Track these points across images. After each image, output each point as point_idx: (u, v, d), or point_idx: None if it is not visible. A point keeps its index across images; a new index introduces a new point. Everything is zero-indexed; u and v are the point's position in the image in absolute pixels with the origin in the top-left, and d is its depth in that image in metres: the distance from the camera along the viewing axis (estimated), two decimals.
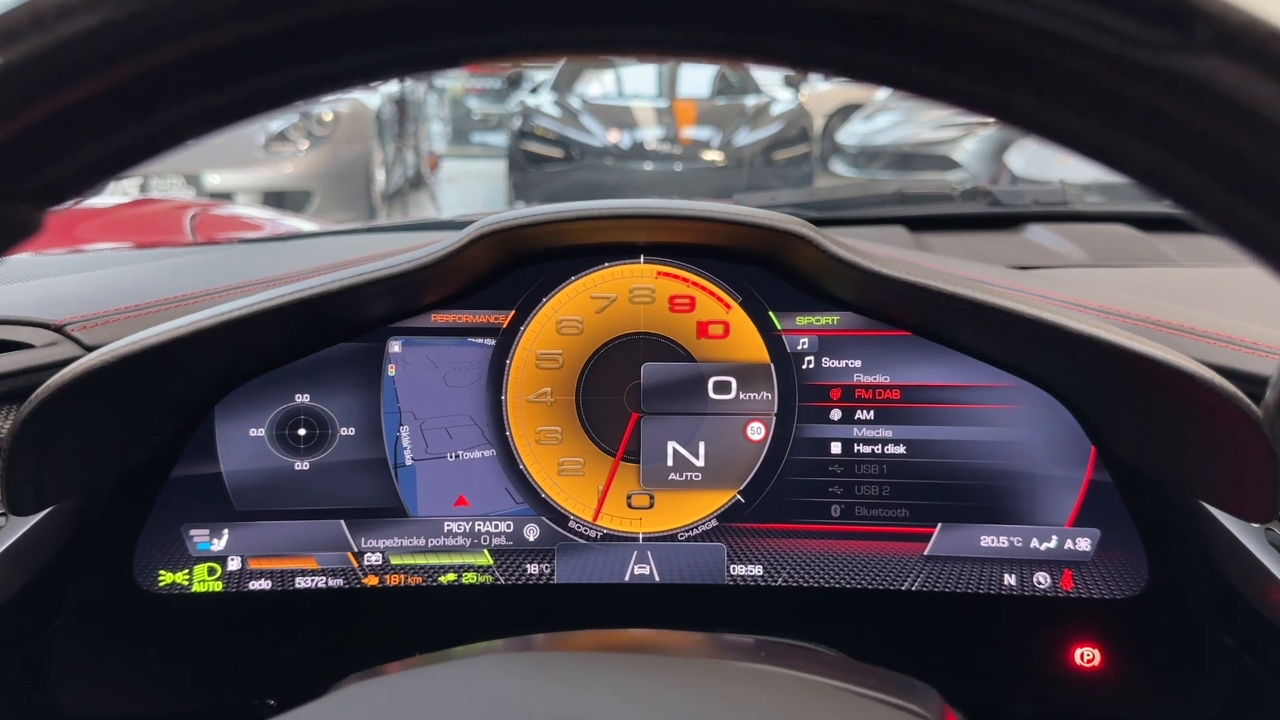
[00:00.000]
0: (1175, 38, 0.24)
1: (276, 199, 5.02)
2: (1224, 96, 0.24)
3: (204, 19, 0.25)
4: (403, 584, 0.84)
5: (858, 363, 0.84)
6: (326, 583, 0.83)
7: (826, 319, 0.84)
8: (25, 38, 0.24)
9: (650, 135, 6.28)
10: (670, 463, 0.84)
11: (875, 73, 0.27)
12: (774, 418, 0.84)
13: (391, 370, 0.84)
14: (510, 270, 0.84)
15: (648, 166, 6.18)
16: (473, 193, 7.95)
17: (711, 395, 0.84)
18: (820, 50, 0.27)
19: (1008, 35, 0.25)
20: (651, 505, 0.84)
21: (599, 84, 6.97)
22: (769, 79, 6.98)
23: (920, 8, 0.24)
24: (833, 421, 0.84)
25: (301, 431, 0.83)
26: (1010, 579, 0.83)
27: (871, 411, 0.84)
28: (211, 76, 0.26)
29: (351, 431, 0.83)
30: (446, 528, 0.84)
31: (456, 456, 0.84)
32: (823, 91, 7.85)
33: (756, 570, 0.84)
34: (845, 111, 7.85)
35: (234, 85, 0.27)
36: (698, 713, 0.40)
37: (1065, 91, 0.26)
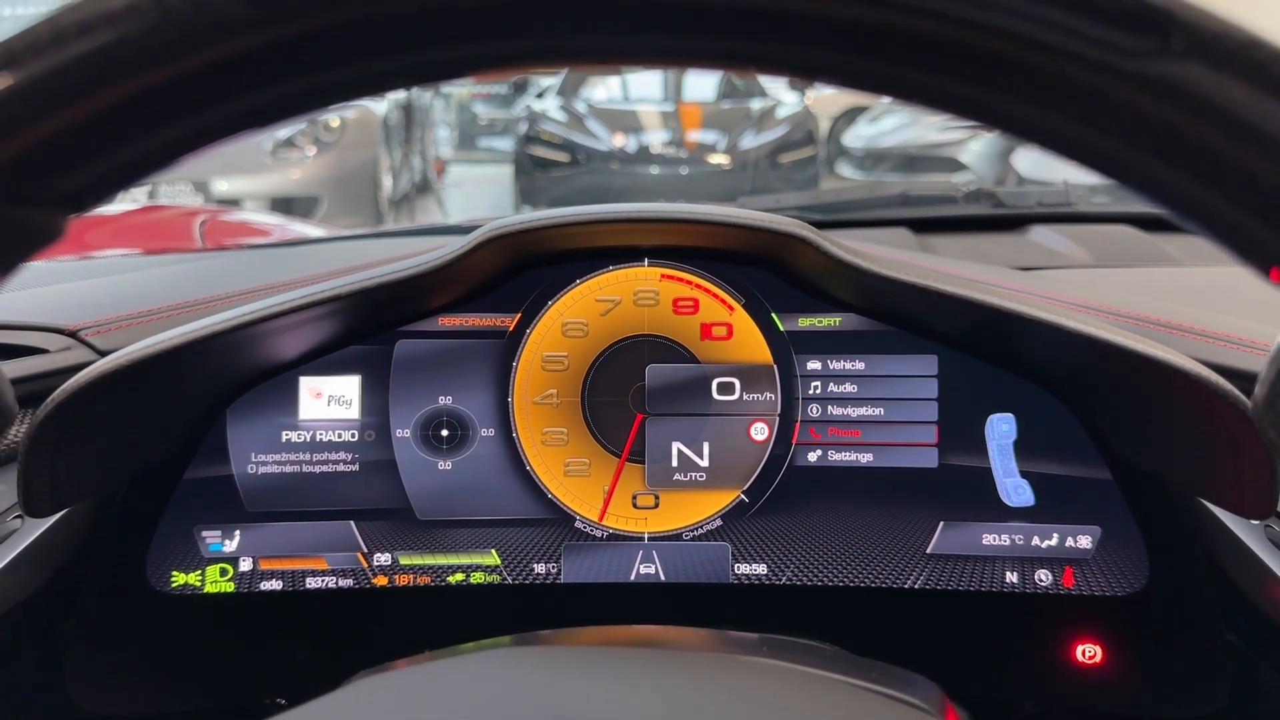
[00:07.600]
0: (1153, 44, 0.25)
1: (284, 205, 5.05)
2: (1201, 100, 0.25)
3: (216, 33, 0.26)
4: (411, 584, 0.85)
5: (860, 364, 0.84)
6: (337, 583, 0.84)
7: (829, 320, 0.84)
8: (47, 51, 0.25)
9: (656, 139, 6.28)
10: (675, 463, 0.85)
11: (864, 80, 0.28)
12: (777, 418, 0.85)
13: None
14: (516, 274, 0.85)
15: (654, 170, 6.18)
16: (479, 198, 7.97)
17: (715, 396, 0.85)
18: (813, 59, 0.28)
19: (993, 43, 0.26)
20: (656, 505, 0.85)
21: (605, 88, 6.97)
22: (774, 83, 6.97)
23: (903, 16, 0.25)
24: (835, 421, 0.85)
25: None
26: (1012, 576, 0.83)
27: (873, 411, 0.84)
28: (226, 88, 0.27)
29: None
30: (454, 528, 0.85)
31: (464, 457, 0.85)
32: (828, 95, 7.83)
33: (761, 569, 0.85)
34: (851, 114, 7.84)
35: (246, 96, 0.28)
36: (701, 706, 0.41)
37: (1050, 97, 0.26)
